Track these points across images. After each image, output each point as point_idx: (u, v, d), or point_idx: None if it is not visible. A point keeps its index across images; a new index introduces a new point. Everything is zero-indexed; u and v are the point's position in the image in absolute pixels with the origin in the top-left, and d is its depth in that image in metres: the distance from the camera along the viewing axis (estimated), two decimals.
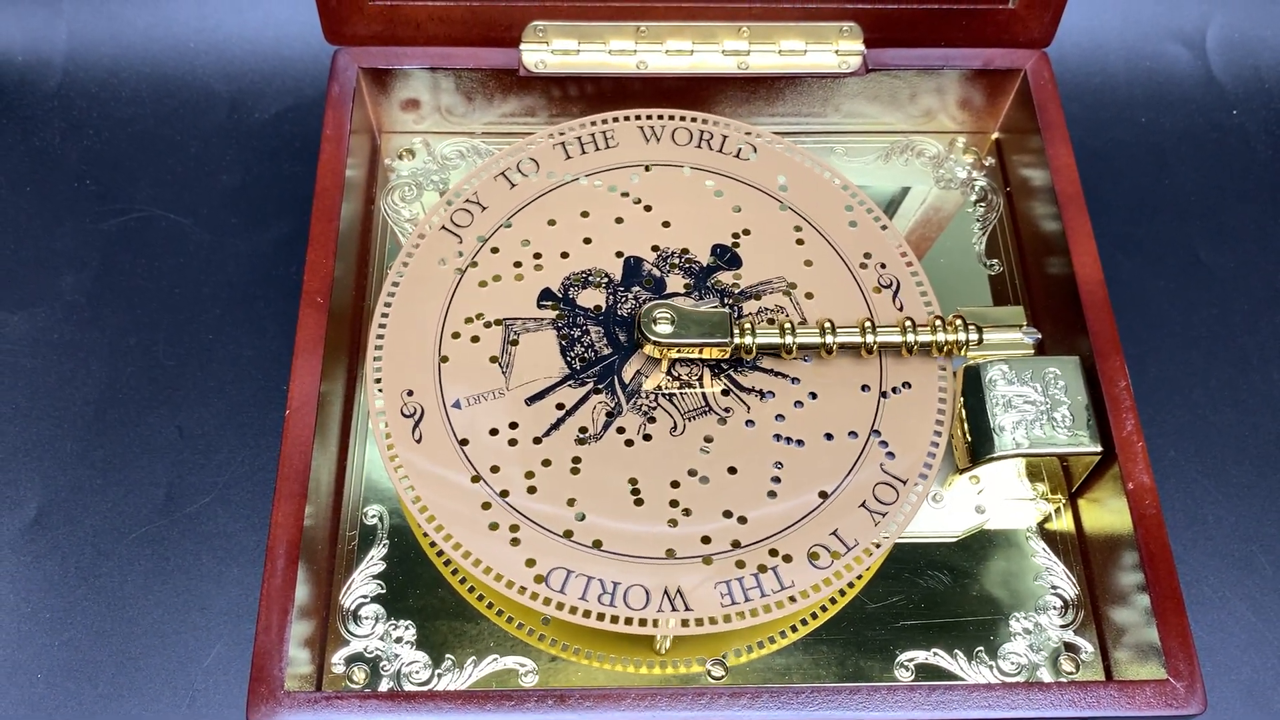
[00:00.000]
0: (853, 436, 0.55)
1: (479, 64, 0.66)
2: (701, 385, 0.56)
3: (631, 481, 0.53)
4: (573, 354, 0.56)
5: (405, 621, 0.54)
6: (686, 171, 0.62)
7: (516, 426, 0.54)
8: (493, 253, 0.59)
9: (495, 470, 0.53)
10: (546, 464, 0.53)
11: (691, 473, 0.54)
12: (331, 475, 0.57)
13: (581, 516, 0.52)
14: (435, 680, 0.53)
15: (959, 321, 0.56)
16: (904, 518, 0.52)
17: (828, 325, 0.55)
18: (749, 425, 0.55)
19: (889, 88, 0.68)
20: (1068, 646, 0.54)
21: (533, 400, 0.55)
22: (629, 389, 0.56)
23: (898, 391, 0.56)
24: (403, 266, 0.58)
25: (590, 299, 0.58)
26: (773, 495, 0.53)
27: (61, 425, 0.67)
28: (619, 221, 0.61)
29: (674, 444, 0.54)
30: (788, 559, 0.51)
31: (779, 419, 0.55)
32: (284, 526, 0.52)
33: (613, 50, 0.66)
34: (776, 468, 0.54)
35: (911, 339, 0.55)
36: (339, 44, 0.66)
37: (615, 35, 0.66)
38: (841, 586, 0.51)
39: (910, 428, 0.55)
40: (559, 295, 0.58)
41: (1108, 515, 0.55)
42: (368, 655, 0.53)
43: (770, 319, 0.57)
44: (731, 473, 0.54)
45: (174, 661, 0.61)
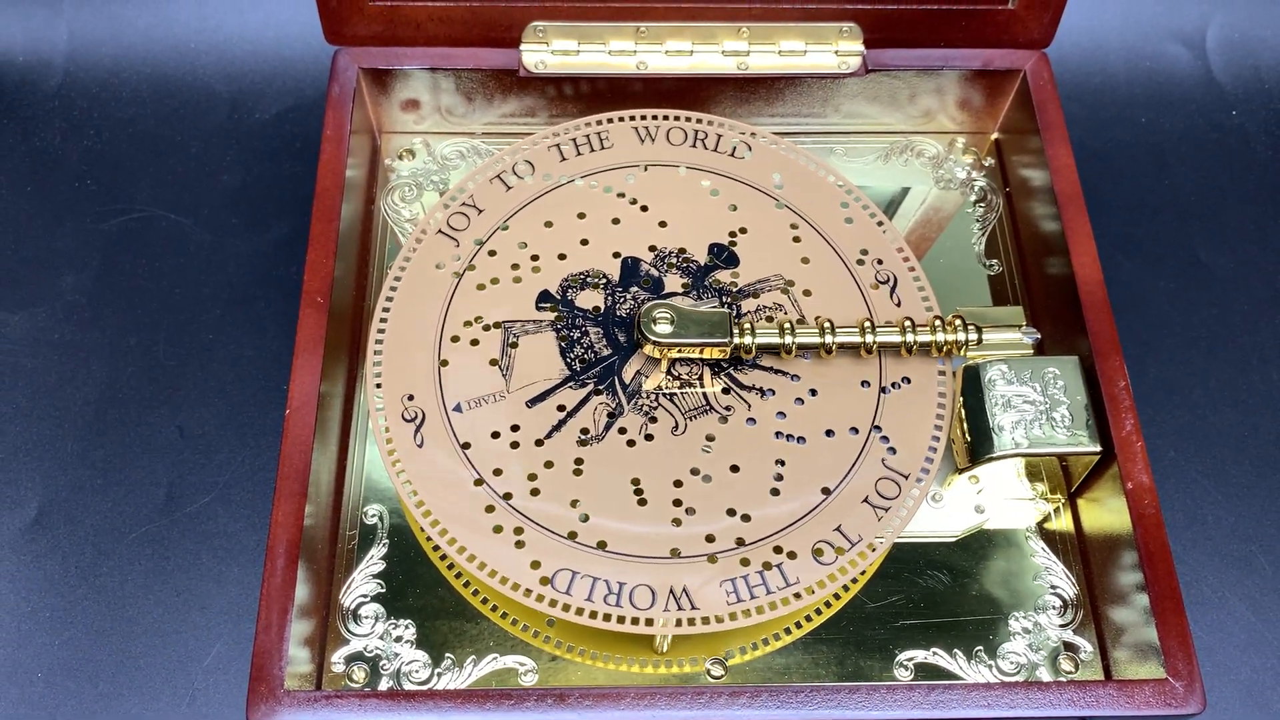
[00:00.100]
0: (854, 432, 0.55)
1: (479, 64, 0.66)
2: (702, 384, 0.56)
3: (634, 482, 0.53)
4: (572, 355, 0.56)
5: (405, 621, 0.54)
6: (682, 171, 0.62)
7: (518, 429, 0.54)
8: (490, 256, 0.59)
9: (498, 473, 0.53)
10: (549, 466, 0.53)
11: (694, 472, 0.54)
12: (331, 475, 0.57)
13: (585, 518, 0.52)
14: (435, 679, 0.53)
15: (958, 321, 0.56)
16: (907, 512, 0.52)
17: (827, 325, 0.55)
18: (750, 423, 0.55)
19: (888, 88, 0.68)
20: (1067, 646, 0.54)
21: (533, 402, 0.55)
22: (629, 389, 0.56)
23: (898, 387, 0.56)
24: (400, 271, 0.58)
25: (589, 300, 0.58)
26: (776, 493, 0.53)
27: (62, 425, 0.67)
28: (616, 222, 0.61)
29: (676, 443, 0.54)
30: (792, 556, 0.51)
31: (780, 416, 0.55)
32: (284, 526, 0.52)
33: (612, 51, 0.66)
34: (779, 465, 0.54)
35: (911, 339, 0.56)
36: (339, 44, 0.66)
37: (615, 36, 0.66)
38: (846, 582, 0.51)
39: (911, 423, 0.55)
40: (557, 297, 0.58)
41: (1107, 515, 0.55)
42: (367, 654, 0.53)
43: (769, 316, 0.58)
44: (734, 471, 0.54)
45: (174, 660, 0.61)
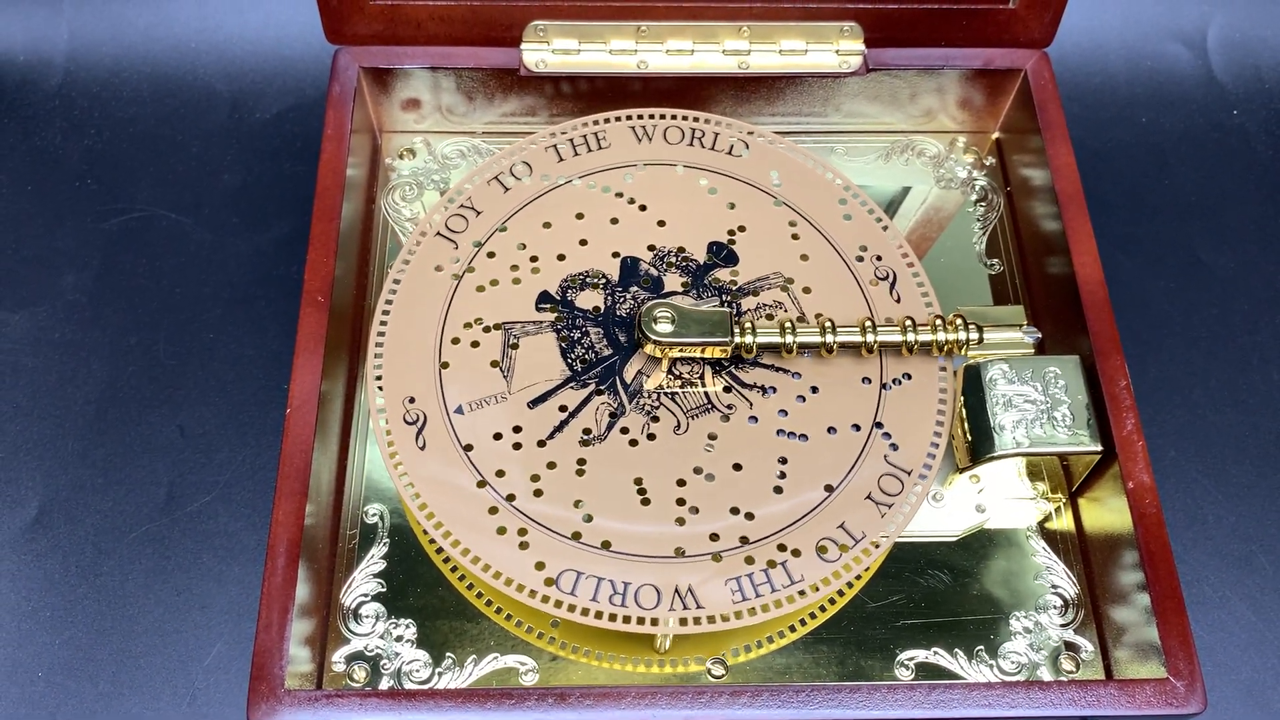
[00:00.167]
0: (855, 429, 0.55)
1: (480, 63, 0.66)
2: (703, 383, 0.56)
3: (637, 481, 0.53)
4: (573, 356, 0.56)
5: (406, 620, 0.54)
6: (679, 170, 0.62)
7: (520, 430, 0.54)
8: (489, 257, 0.59)
9: (500, 475, 0.53)
10: (552, 466, 0.53)
11: (697, 471, 0.54)
12: (332, 474, 0.57)
13: (589, 518, 0.52)
14: (436, 679, 0.53)
15: (959, 321, 0.56)
16: (910, 508, 0.52)
17: (828, 324, 0.55)
18: (752, 421, 0.55)
19: (889, 87, 0.68)
20: (1068, 645, 0.54)
21: (535, 403, 0.55)
22: (631, 389, 0.56)
23: (899, 383, 0.56)
24: (399, 274, 0.58)
25: (588, 300, 0.58)
26: (779, 491, 0.53)
27: (63, 424, 0.67)
28: (614, 222, 0.61)
29: (678, 442, 0.54)
30: (796, 554, 0.51)
31: (782, 414, 0.55)
32: (285, 525, 0.52)
33: (613, 50, 0.66)
34: (781, 463, 0.54)
35: (912, 338, 0.56)
36: (340, 43, 0.66)
37: (616, 35, 0.66)
38: (850, 579, 0.51)
39: (912, 419, 0.55)
40: (557, 297, 0.58)
41: (1108, 514, 0.55)
42: (368, 654, 0.53)
43: (769, 314, 0.58)
44: (737, 469, 0.54)
45: (175, 660, 0.61)
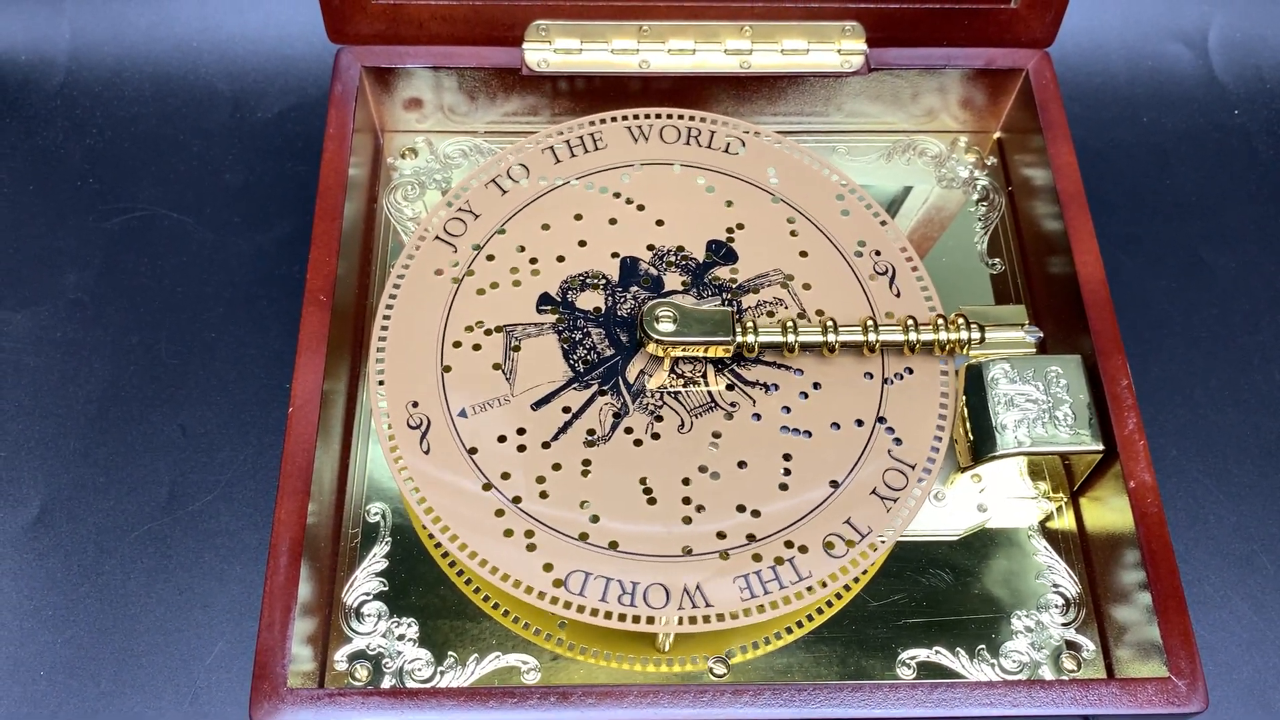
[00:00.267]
0: (859, 425, 0.55)
1: (481, 63, 0.66)
2: (706, 382, 0.56)
3: (643, 481, 0.53)
4: (575, 357, 0.56)
5: (408, 619, 0.54)
6: (677, 169, 0.62)
7: (524, 432, 0.54)
8: (488, 260, 0.59)
9: (506, 477, 0.53)
10: (557, 468, 0.53)
11: (702, 469, 0.54)
12: (334, 473, 0.57)
13: (595, 519, 0.52)
14: (438, 678, 0.53)
15: (961, 320, 0.56)
16: (915, 502, 0.53)
17: (830, 324, 0.55)
18: (756, 419, 0.55)
19: (891, 87, 0.68)
20: (1069, 644, 0.54)
21: (538, 405, 0.55)
22: (634, 389, 0.56)
23: (900, 378, 0.56)
24: (399, 278, 0.58)
25: (589, 301, 0.58)
26: (784, 488, 0.53)
27: (64, 423, 0.67)
28: (613, 222, 0.61)
29: (682, 441, 0.54)
30: (803, 550, 0.51)
31: (785, 411, 0.55)
32: (287, 524, 0.52)
33: (615, 49, 0.66)
34: (786, 460, 0.54)
35: (914, 337, 0.56)
36: (342, 43, 0.66)
37: (618, 34, 0.66)
38: (857, 574, 0.51)
39: (915, 413, 0.55)
40: (558, 299, 0.58)
41: (1109, 514, 0.55)
42: (370, 652, 0.53)
43: (770, 311, 0.58)
44: (741, 467, 0.54)
45: (176, 659, 0.61)
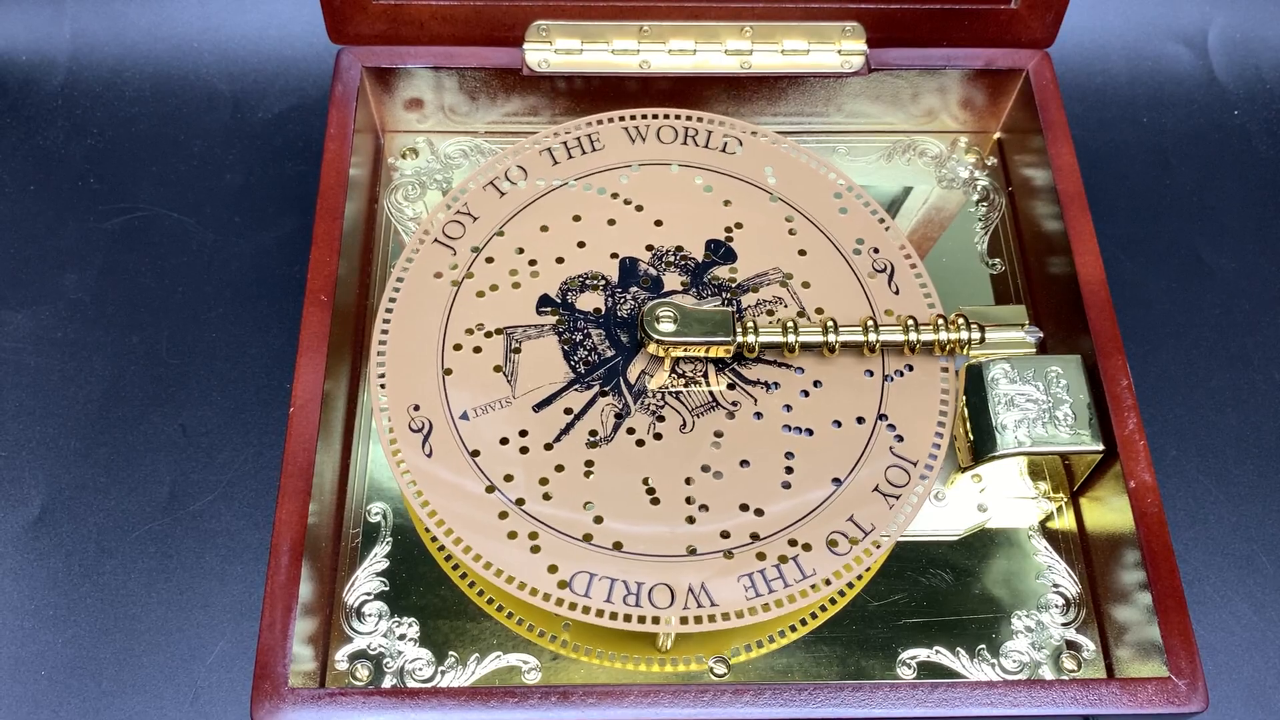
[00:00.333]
0: (860, 422, 0.55)
1: (482, 63, 0.66)
2: (707, 381, 0.56)
3: (645, 481, 0.53)
4: (576, 358, 0.56)
5: (409, 619, 0.54)
6: (674, 169, 0.63)
7: (526, 434, 0.54)
8: (488, 262, 0.59)
9: (509, 479, 0.53)
10: (559, 469, 0.53)
11: (704, 469, 0.54)
12: (335, 473, 0.57)
13: (599, 519, 0.52)
14: (438, 677, 0.53)
15: (961, 320, 0.56)
16: (918, 499, 0.53)
17: (830, 324, 0.55)
18: (757, 418, 0.55)
19: (891, 87, 0.68)
20: (1069, 644, 0.54)
21: (540, 406, 0.55)
22: (635, 389, 0.56)
23: (901, 375, 0.56)
24: (398, 281, 0.58)
25: (589, 302, 0.58)
26: (787, 486, 0.53)
27: (65, 423, 0.67)
28: (611, 223, 0.61)
29: (685, 441, 0.54)
30: (807, 548, 0.52)
31: (786, 409, 0.55)
32: (288, 524, 0.52)
33: (616, 50, 0.67)
34: (788, 458, 0.54)
35: (914, 337, 0.56)
36: (342, 43, 0.66)
37: (618, 35, 0.66)
38: (860, 572, 0.51)
39: (916, 410, 0.55)
40: (558, 300, 0.58)
41: (1109, 514, 0.55)
42: (371, 652, 0.53)
43: (770, 310, 0.58)
44: (744, 466, 0.54)
45: (177, 659, 0.61)
